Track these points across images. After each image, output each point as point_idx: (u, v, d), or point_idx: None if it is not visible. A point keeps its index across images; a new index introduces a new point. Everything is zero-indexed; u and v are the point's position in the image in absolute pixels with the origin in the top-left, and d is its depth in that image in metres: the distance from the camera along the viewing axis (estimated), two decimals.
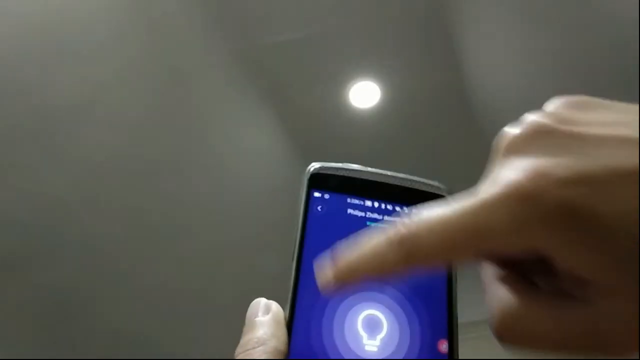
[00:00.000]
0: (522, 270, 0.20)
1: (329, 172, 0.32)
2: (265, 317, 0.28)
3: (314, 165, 0.32)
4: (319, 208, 0.30)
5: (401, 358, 0.27)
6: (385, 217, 0.31)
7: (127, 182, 1.77)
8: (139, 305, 1.98)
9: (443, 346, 0.28)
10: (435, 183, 0.33)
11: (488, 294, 0.22)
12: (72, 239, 1.70)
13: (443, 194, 0.33)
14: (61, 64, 1.45)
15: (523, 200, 0.17)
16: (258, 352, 0.26)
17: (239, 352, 0.27)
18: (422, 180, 0.33)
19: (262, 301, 0.29)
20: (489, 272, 0.22)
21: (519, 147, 0.20)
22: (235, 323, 0.31)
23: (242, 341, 0.27)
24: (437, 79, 2.12)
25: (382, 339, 0.27)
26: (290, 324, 0.27)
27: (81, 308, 1.84)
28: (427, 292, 0.29)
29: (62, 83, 1.48)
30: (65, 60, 1.46)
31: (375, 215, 0.31)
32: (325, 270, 0.23)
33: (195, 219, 1.95)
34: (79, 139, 1.58)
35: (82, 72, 1.51)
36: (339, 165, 0.32)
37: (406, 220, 0.21)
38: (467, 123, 2.28)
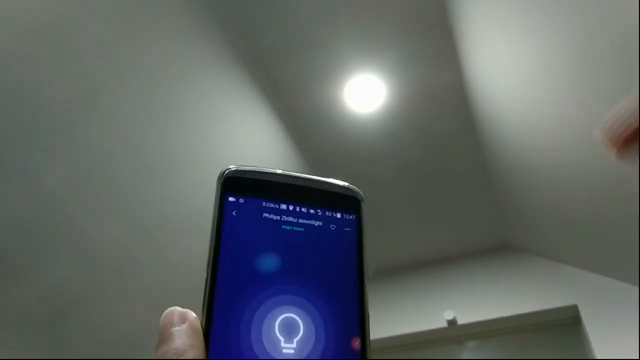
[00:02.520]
0: None
1: (243, 175, 0.31)
2: (182, 327, 0.27)
3: (229, 168, 0.31)
4: (234, 213, 0.30)
5: (317, 359, 0.27)
6: (301, 220, 0.31)
7: (127, 182, 1.77)
8: (138, 305, 1.98)
9: (356, 343, 0.29)
10: (351, 187, 0.33)
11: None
12: (70, 238, 1.70)
13: (357, 197, 0.33)
14: (61, 64, 1.45)
15: None
16: None
17: None
18: (337, 183, 0.33)
19: (177, 310, 0.28)
20: None
21: None
22: None
23: (159, 353, 0.26)
24: (439, 80, 2.12)
25: (298, 341, 0.28)
26: (207, 332, 0.27)
27: (80, 308, 1.84)
28: (341, 291, 0.30)
29: (61, 83, 1.47)
30: (65, 60, 1.46)
31: (291, 219, 0.31)
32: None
33: (193, 218, 1.95)
34: (79, 139, 1.58)
35: (82, 72, 1.51)
36: (254, 168, 0.31)
37: None
38: (468, 122, 2.28)
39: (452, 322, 2.47)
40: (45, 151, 1.52)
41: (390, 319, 2.64)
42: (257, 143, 2.23)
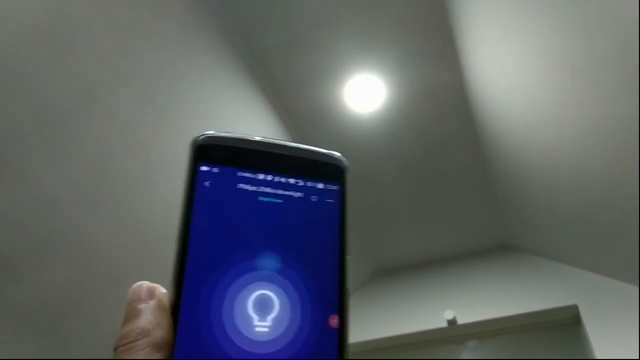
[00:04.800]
0: None
1: (217, 142, 0.29)
2: (149, 304, 0.25)
3: (202, 135, 0.29)
4: (206, 183, 0.28)
5: (292, 337, 0.26)
6: (279, 191, 0.29)
7: (127, 182, 1.77)
8: None
9: (334, 321, 0.27)
10: (335, 154, 0.31)
11: None
12: (70, 238, 1.70)
13: (341, 165, 0.31)
14: (61, 64, 1.45)
15: None
16: (141, 345, 0.23)
17: (120, 344, 0.24)
18: (319, 150, 0.31)
19: (144, 285, 0.26)
20: None
21: None
22: None
23: (123, 332, 0.24)
24: (438, 80, 2.12)
25: (273, 319, 0.26)
26: (176, 310, 0.25)
27: (80, 308, 1.83)
28: (320, 267, 0.28)
29: (61, 83, 1.47)
30: (65, 60, 1.46)
31: (268, 190, 0.29)
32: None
33: None
34: (79, 139, 1.58)
35: (82, 72, 1.51)
36: (229, 134, 0.29)
37: None
38: (468, 122, 2.28)
39: (452, 322, 2.47)
40: (45, 151, 1.52)
41: (390, 319, 2.64)
42: None
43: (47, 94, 1.45)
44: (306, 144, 0.31)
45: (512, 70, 1.79)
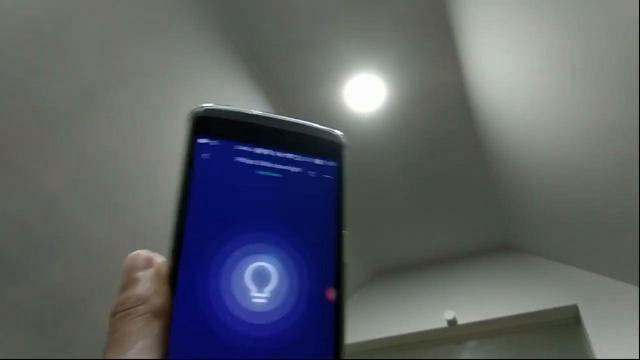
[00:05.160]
0: None
1: (216, 115, 0.29)
2: (147, 272, 0.25)
3: (201, 107, 0.29)
4: (204, 155, 0.28)
5: (289, 309, 0.26)
6: (278, 166, 0.29)
7: (126, 182, 1.77)
8: None
9: (331, 294, 0.27)
10: (333, 131, 0.31)
11: None
12: (70, 238, 1.70)
13: (340, 142, 0.31)
14: (60, 64, 1.45)
15: None
16: (139, 311, 0.24)
17: (118, 310, 0.24)
18: (318, 127, 0.31)
19: (142, 254, 0.27)
20: None
21: None
22: None
23: (121, 298, 0.25)
24: (438, 80, 2.12)
25: (271, 291, 0.26)
26: (174, 279, 0.25)
27: (80, 308, 1.83)
28: (317, 241, 0.28)
29: (61, 83, 1.47)
30: (65, 60, 1.45)
31: (267, 164, 0.29)
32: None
33: None
34: (78, 139, 1.58)
35: (82, 72, 1.51)
36: (228, 107, 0.29)
37: None
38: (468, 122, 2.28)
39: (452, 322, 2.47)
40: (45, 151, 1.52)
41: (390, 319, 2.64)
42: None
43: (46, 94, 1.45)
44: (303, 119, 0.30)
45: (512, 70, 1.79)
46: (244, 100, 2.08)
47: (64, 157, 1.57)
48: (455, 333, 2.53)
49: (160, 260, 0.26)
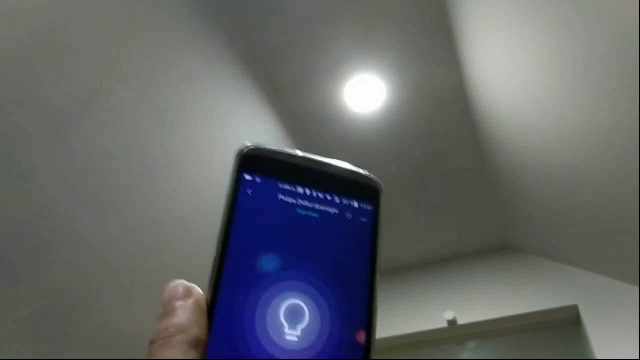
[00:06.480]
0: None
1: (262, 154, 0.30)
2: (187, 302, 0.26)
3: (248, 146, 0.30)
4: (248, 191, 0.29)
5: (319, 349, 0.27)
6: (317, 206, 0.30)
7: (126, 182, 1.76)
8: (138, 305, 1.98)
9: (361, 337, 0.28)
10: (371, 176, 0.33)
11: None
12: (70, 238, 1.70)
13: (377, 187, 0.33)
14: (60, 64, 1.45)
15: None
16: (178, 340, 0.24)
17: (157, 338, 0.24)
18: (357, 170, 0.32)
19: (182, 284, 0.27)
20: None
21: None
22: None
23: (160, 326, 0.25)
24: (438, 80, 2.12)
25: (303, 330, 0.27)
26: (211, 310, 0.26)
27: (80, 308, 1.83)
28: (350, 283, 0.29)
29: (61, 83, 1.47)
30: (65, 59, 1.45)
31: (306, 203, 0.30)
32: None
33: (193, 218, 1.95)
34: (78, 139, 1.58)
35: (82, 71, 1.51)
36: (273, 148, 0.30)
37: None
38: (468, 122, 2.28)
39: (452, 322, 2.47)
40: (45, 151, 1.51)
41: (390, 318, 2.64)
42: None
43: (46, 94, 1.45)
44: (338, 159, 0.32)
45: (512, 70, 1.79)
46: (244, 100, 2.08)
47: (64, 157, 1.57)
48: (455, 333, 2.53)
49: (200, 291, 0.27)
